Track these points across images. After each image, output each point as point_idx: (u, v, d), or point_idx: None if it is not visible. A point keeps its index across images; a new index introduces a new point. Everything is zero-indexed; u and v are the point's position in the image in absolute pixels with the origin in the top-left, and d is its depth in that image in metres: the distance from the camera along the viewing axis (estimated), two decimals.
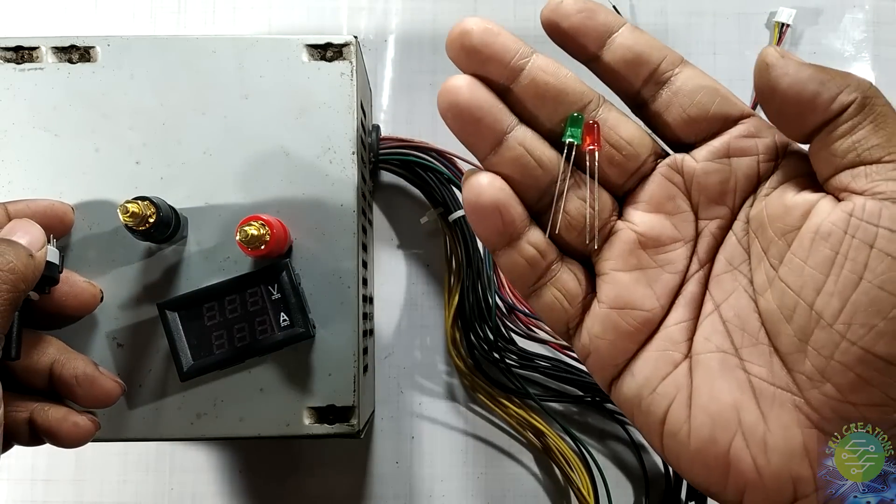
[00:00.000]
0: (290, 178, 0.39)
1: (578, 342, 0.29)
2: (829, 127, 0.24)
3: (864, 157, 0.23)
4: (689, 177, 0.27)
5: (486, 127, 0.27)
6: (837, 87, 0.24)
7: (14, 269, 0.29)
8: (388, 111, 0.53)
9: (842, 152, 0.23)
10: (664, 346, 0.27)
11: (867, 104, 0.23)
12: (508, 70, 0.27)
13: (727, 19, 0.54)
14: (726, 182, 0.27)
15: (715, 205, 0.27)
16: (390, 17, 0.54)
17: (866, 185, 0.23)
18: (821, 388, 0.23)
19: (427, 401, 0.51)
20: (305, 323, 0.36)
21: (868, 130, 0.23)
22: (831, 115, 0.24)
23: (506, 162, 0.27)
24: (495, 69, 0.27)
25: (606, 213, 0.28)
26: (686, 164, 0.28)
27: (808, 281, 0.23)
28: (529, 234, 0.27)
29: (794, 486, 0.24)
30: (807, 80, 0.24)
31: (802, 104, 0.24)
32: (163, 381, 0.38)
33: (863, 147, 0.23)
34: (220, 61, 0.39)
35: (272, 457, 0.50)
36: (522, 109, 0.27)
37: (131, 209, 0.34)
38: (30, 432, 0.33)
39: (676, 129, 0.28)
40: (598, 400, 0.49)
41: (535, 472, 0.51)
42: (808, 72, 0.24)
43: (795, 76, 0.24)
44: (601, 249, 0.28)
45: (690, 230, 0.28)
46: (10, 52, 0.39)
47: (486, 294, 0.47)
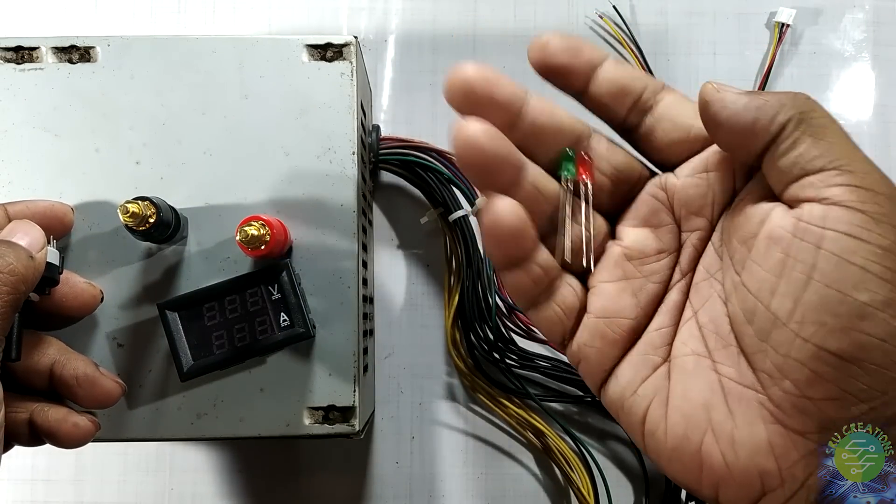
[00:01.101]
0: (290, 178, 0.39)
1: (570, 350, 0.30)
2: (773, 147, 0.25)
3: (807, 169, 0.24)
4: (672, 192, 0.29)
5: (506, 171, 0.28)
6: (773, 110, 0.25)
7: (14, 270, 0.29)
8: (388, 111, 0.53)
9: (787, 167, 0.25)
10: (645, 351, 0.29)
11: (804, 119, 0.25)
12: (509, 115, 0.28)
13: (727, 19, 0.54)
14: (705, 195, 0.28)
15: (695, 217, 0.29)
16: (390, 17, 0.54)
17: (813, 193, 0.24)
18: (780, 384, 0.24)
19: (427, 401, 0.51)
20: (305, 323, 0.36)
21: (808, 144, 0.24)
22: (772, 137, 0.25)
23: (519, 197, 0.28)
24: (496, 115, 0.28)
25: (601, 236, 0.30)
26: (669, 181, 0.29)
27: (764, 283, 0.25)
28: (537, 255, 0.29)
29: (761, 480, 0.25)
30: (744, 109, 0.25)
31: (745, 132, 0.25)
32: (163, 382, 0.38)
33: (805, 160, 0.24)
34: (221, 61, 0.39)
35: (272, 457, 0.50)
36: (522, 148, 0.29)
37: (131, 209, 0.34)
38: (30, 433, 0.33)
39: (662, 152, 0.29)
40: (597, 400, 0.49)
41: (535, 472, 0.51)
42: (743, 101, 0.25)
43: (733, 107, 0.25)
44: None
45: (674, 242, 0.29)
46: (10, 52, 0.39)
47: (486, 294, 0.47)
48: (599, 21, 0.53)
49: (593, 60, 0.28)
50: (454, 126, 0.27)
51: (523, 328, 0.48)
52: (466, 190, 0.48)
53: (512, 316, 0.48)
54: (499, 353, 0.47)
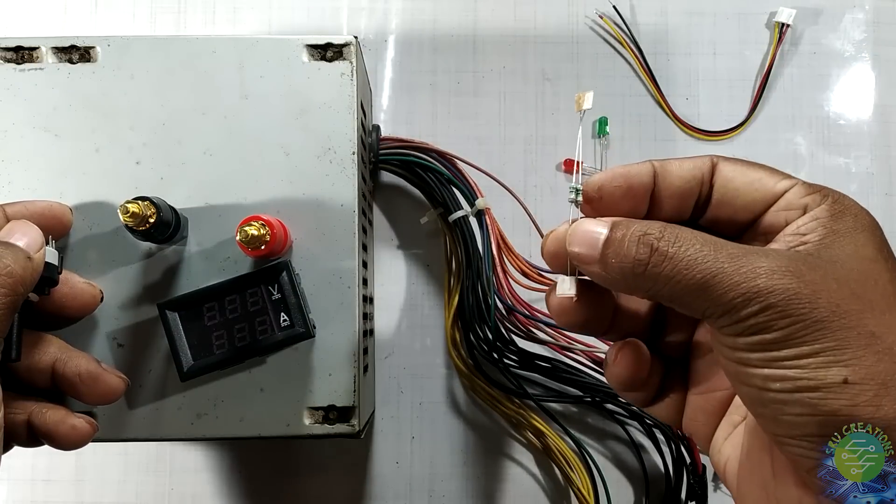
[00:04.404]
0: (290, 178, 0.39)
1: (684, 426, 0.32)
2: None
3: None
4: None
5: (601, 325, 0.30)
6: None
7: (12, 272, 0.29)
8: (388, 111, 0.53)
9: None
10: (731, 412, 0.30)
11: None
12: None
13: (727, 19, 0.54)
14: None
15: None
16: (390, 17, 0.54)
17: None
18: (787, 448, 0.25)
19: (427, 401, 0.51)
20: (305, 323, 0.36)
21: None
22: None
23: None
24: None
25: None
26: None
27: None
28: (649, 380, 0.31)
29: None
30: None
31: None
32: (163, 382, 0.38)
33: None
34: (221, 62, 0.39)
35: (272, 457, 0.50)
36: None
37: (131, 209, 0.34)
38: (28, 434, 0.33)
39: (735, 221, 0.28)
40: (597, 400, 0.49)
41: (535, 473, 0.51)
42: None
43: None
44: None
45: None
46: (10, 52, 0.39)
47: (486, 295, 0.47)
48: (599, 21, 0.53)
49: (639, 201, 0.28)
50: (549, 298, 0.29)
51: (523, 329, 0.48)
52: (466, 190, 0.48)
53: (511, 317, 0.48)
54: (498, 353, 0.47)
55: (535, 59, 0.53)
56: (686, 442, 0.48)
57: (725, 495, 0.50)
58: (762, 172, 0.27)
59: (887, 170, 0.53)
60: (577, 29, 0.54)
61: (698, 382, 0.30)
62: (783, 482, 0.26)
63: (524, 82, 0.53)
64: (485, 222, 0.48)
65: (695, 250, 0.24)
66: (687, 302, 0.24)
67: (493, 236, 0.47)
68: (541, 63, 0.53)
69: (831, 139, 0.54)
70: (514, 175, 0.50)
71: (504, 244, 0.48)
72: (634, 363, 0.30)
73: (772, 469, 0.27)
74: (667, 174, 0.28)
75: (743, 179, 0.27)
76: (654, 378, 0.31)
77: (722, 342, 0.25)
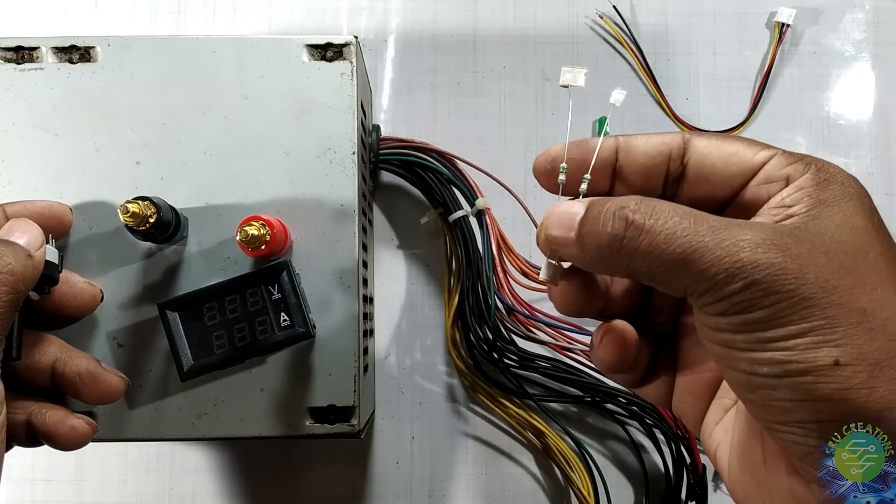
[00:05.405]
0: (290, 178, 0.39)
1: (674, 408, 0.31)
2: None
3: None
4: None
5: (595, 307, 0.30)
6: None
7: (13, 270, 0.29)
8: (388, 111, 0.53)
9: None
10: (720, 395, 0.29)
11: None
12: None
13: (727, 19, 0.54)
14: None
15: None
16: (390, 17, 0.54)
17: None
18: (777, 434, 0.23)
19: (427, 401, 0.51)
20: (305, 323, 0.36)
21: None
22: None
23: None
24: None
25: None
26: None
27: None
28: (637, 362, 0.30)
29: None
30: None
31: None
32: (163, 382, 0.38)
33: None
34: (221, 61, 0.39)
35: (272, 457, 0.50)
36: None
37: (132, 209, 0.34)
38: (27, 434, 0.33)
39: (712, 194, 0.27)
40: (597, 400, 0.49)
41: (535, 473, 0.51)
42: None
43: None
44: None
45: None
46: (10, 52, 0.39)
47: (486, 295, 0.47)
48: (599, 21, 0.53)
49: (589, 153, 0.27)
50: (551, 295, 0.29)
51: (523, 329, 0.48)
52: (466, 190, 0.48)
53: (511, 317, 0.48)
54: (498, 353, 0.47)
55: (535, 59, 0.53)
56: (686, 442, 0.48)
57: (725, 495, 0.50)
58: (739, 145, 0.26)
59: (887, 170, 0.53)
60: (577, 29, 0.54)
61: (686, 364, 0.29)
62: (774, 470, 0.25)
63: (524, 82, 0.53)
64: (485, 222, 0.48)
65: (673, 223, 0.23)
66: (667, 279, 0.23)
67: (493, 236, 0.47)
68: (541, 63, 0.53)
69: (831, 139, 0.54)
70: (514, 175, 0.50)
71: (504, 244, 0.48)
72: (619, 347, 0.29)
73: (762, 456, 0.26)
74: (631, 150, 0.27)
75: (719, 154, 0.26)
76: (642, 360, 0.29)
77: (705, 323, 0.23)
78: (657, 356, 0.30)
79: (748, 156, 0.26)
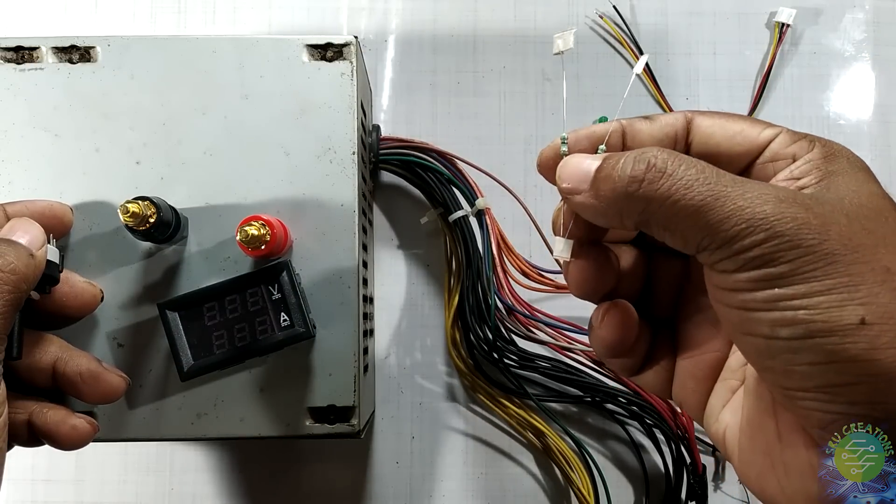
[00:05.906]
0: (290, 178, 0.39)
1: (674, 396, 0.30)
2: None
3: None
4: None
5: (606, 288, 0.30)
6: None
7: (15, 269, 0.29)
8: (388, 111, 0.53)
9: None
10: (725, 377, 0.28)
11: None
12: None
13: (727, 19, 0.54)
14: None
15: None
16: (390, 17, 0.54)
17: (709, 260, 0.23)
18: (799, 403, 0.23)
19: (427, 401, 0.51)
20: (305, 323, 0.36)
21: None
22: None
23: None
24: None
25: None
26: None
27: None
28: (636, 346, 0.29)
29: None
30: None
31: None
32: (163, 381, 0.38)
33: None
34: (221, 61, 0.39)
35: (272, 457, 0.50)
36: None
37: (132, 209, 0.34)
38: (28, 434, 0.33)
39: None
40: (597, 400, 0.49)
41: (535, 473, 0.51)
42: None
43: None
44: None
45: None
46: (10, 52, 0.39)
47: (486, 295, 0.47)
48: (599, 21, 0.53)
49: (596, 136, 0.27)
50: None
51: (523, 329, 0.48)
52: (466, 190, 0.48)
53: (511, 317, 0.48)
54: (498, 353, 0.47)
55: (535, 59, 0.53)
56: (686, 442, 0.48)
57: (726, 495, 0.50)
58: (743, 123, 0.26)
59: (887, 170, 0.53)
60: (577, 29, 0.54)
61: (687, 346, 0.29)
62: (791, 444, 0.24)
63: (524, 82, 0.53)
64: (485, 222, 0.48)
65: (696, 170, 0.22)
66: (682, 228, 0.22)
67: (493, 236, 0.47)
68: (541, 63, 0.53)
69: (831, 139, 0.53)
70: (514, 175, 0.50)
71: (504, 244, 0.48)
72: (621, 325, 0.28)
73: (777, 432, 0.25)
74: (636, 133, 0.27)
75: (723, 133, 0.26)
76: (642, 344, 0.29)
77: (720, 284, 0.23)
78: (656, 342, 0.30)
79: (753, 134, 0.26)
